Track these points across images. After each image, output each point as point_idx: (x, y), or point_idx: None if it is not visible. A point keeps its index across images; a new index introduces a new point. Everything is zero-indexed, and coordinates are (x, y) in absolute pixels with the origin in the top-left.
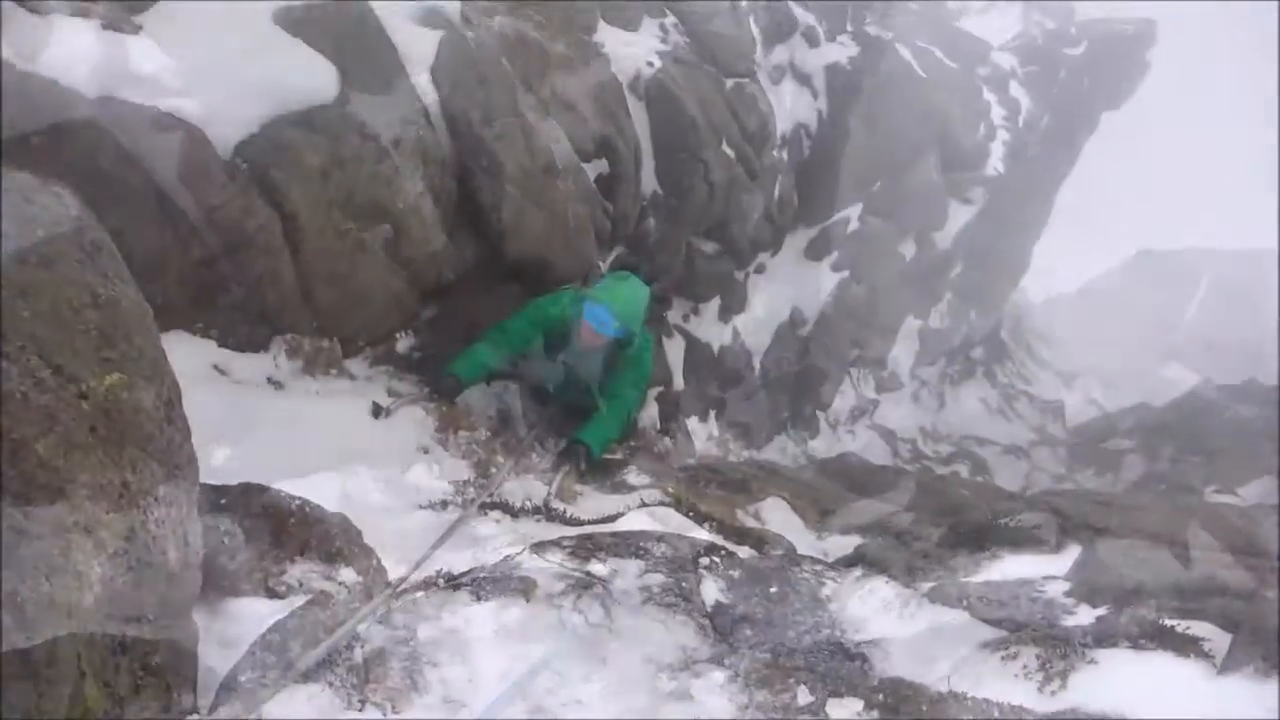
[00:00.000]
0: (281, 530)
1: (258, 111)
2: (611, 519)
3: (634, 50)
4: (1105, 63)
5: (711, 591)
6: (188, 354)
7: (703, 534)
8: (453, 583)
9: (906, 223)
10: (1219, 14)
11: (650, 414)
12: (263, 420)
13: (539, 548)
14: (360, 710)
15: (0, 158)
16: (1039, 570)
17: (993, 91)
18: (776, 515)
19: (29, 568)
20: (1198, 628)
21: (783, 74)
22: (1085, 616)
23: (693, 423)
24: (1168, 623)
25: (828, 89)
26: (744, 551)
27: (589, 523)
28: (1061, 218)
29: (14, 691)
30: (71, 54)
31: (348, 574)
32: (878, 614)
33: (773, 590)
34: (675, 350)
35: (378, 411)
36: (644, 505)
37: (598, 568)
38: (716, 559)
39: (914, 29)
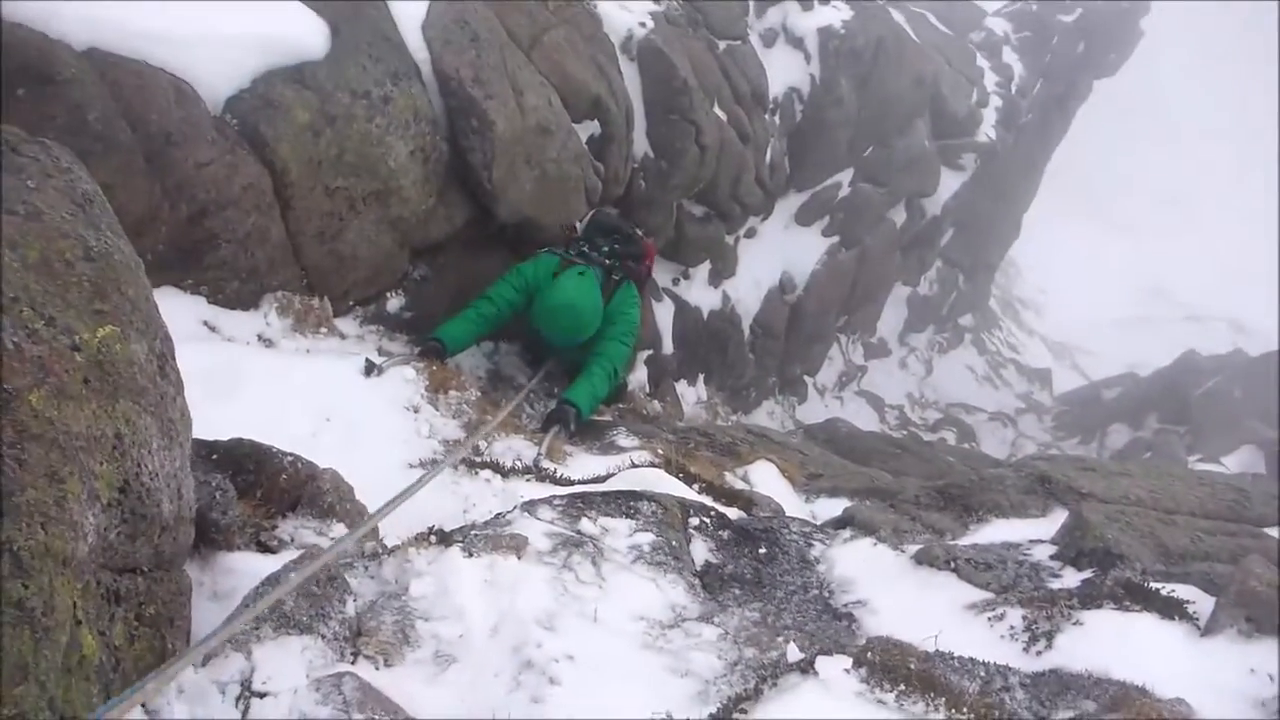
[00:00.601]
0: (273, 486)
1: (248, 67)
2: (601, 479)
3: (627, 11)
4: (1099, 30)
5: (701, 551)
6: (177, 310)
7: (692, 495)
8: (444, 539)
9: (898, 189)
10: (1220, 12)
11: (639, 377)
12: (253, 377)
13: (530, 506)
14: (352, 663)
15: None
16: (1025, 534)
17: (986, 57)
18: (765, 478)
19: (24, 516)
20: (1182, 591)
21: (775, 37)
22: (1071, 579)
23: (681, 386)
24: (1152, 585)
25: (820, 52)
26: (733, 513)
27: (579, 483)
28: (1052, 186)
29: (12, 638)
30: (58, 5)
31: (339, 529)
32: (865, 575)
33: (761, 551)
34: (665, 314)
35: (370, 370)
36: (634, 466)
37: (588, 526)
38: (706, 519)
39: None
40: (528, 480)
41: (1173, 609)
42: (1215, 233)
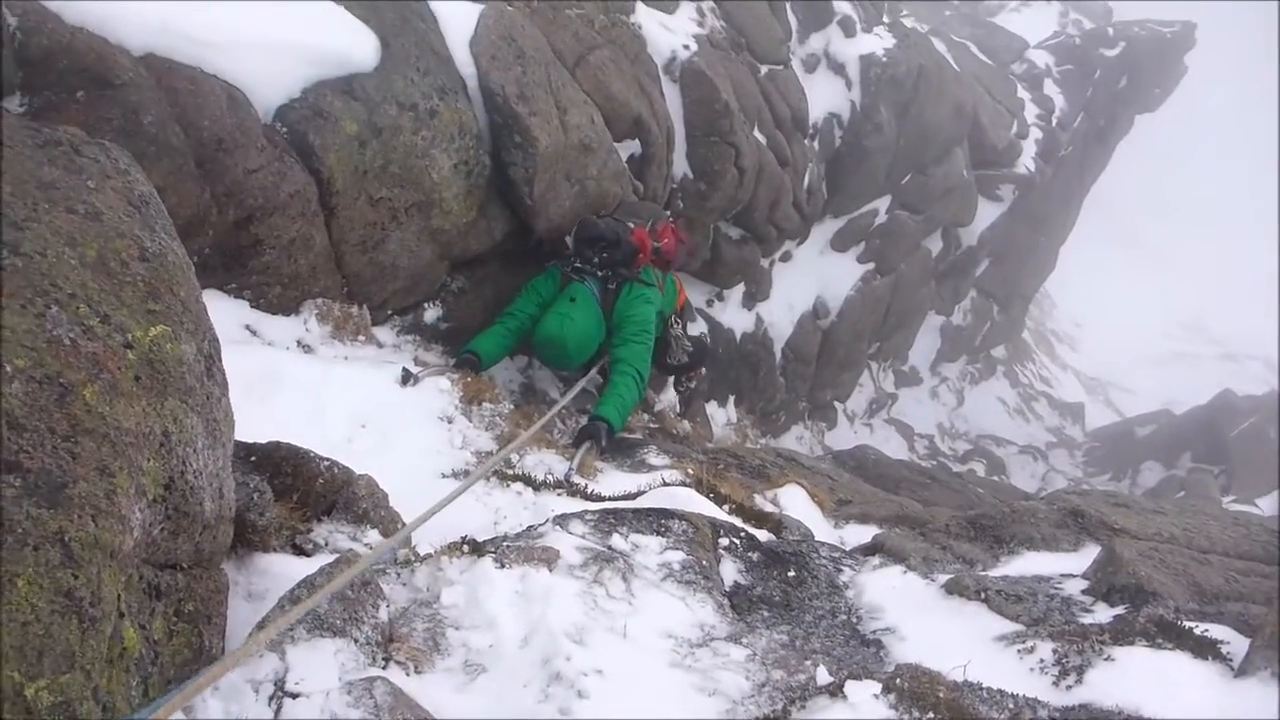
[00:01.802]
0: (310, 489)
1: (299, 76)
2: (632, 496)
3: (670, 32)
4: (1142, 65)
5: (730, 572)
6: (220, 313)
7: (722, 515)
8: (476, 549)
9: (934, 217)
10: (1264, 41)
11: (669, 397)
12: (292, 382)
13: (561, 520)
14: (384, 667)
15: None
16: (1056, 568)
17: (1027, 89)
18: (795, 502)
19: (75, 507)
20: (1215, 631)
21: (817, 63)
22: (1103, 615)
23: (711, 407)
24: (1185, 624)
25: (861, 80)
26: (763, 535)
27: (610, 499)
28: (1088, 214)
29: (60, 626)
30: (118, 10)
31: (373, 535)
32: (894, 603)
33: (790, 574)
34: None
35: (406, 378)
36: (664, 484)
37: (619, 542)
38: (736, 540)
39: (950, 23)
40: (559, 494)
41: (1206, 649)
42: (1252, 264)
